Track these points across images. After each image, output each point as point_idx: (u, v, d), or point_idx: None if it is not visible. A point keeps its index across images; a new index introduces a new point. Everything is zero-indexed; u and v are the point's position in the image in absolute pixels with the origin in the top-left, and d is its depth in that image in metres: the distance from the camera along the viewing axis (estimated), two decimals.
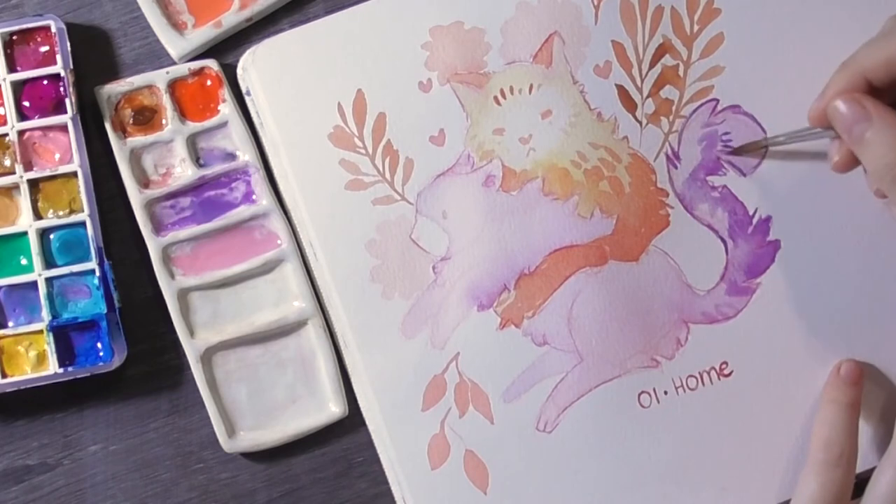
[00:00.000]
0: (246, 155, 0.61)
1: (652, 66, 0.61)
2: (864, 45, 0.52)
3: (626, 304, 0.60)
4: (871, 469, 0.57)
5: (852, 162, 0.53)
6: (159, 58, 0.63)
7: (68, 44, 0.61)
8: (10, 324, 0.60)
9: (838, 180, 0.60)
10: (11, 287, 0.60)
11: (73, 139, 0.60)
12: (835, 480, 0.56)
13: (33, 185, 0.61)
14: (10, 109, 0.60)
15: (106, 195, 0.62)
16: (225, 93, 0.61)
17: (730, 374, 0.60)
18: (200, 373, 0.60)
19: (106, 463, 0.61)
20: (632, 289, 0.60)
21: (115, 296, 0.60)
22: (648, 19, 0.60)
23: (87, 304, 0.60)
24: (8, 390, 0.60)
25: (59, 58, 0.61)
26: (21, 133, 0.61)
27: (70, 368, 0.60)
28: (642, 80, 0.61)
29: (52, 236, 0.61)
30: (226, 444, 0.60)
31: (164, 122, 0.62)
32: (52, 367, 0.60)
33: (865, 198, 0.60)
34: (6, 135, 0.61)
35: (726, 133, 0.60)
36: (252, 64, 0.61)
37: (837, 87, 0.51)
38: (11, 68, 0.61)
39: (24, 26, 0.61)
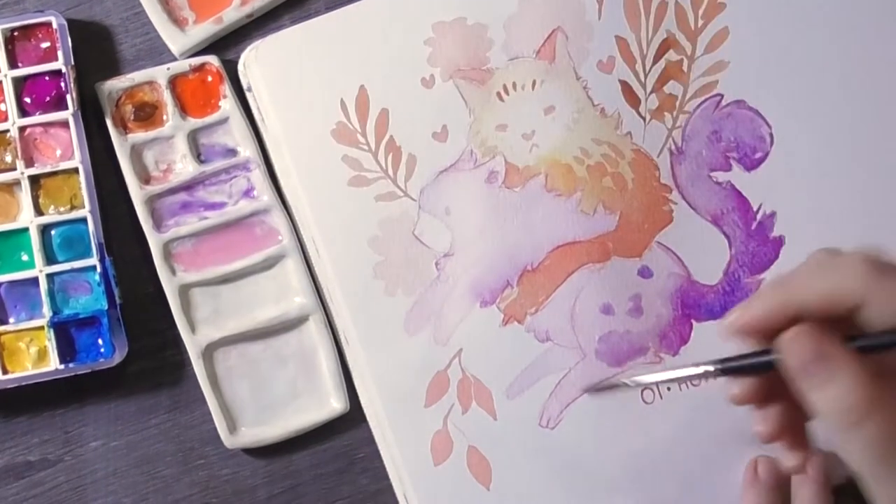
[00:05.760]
0: (247, 151, 0.61)
1: (656, 61, 0.61)
2: (798, 271, 0.48)
3: (628, 300, 0.60)
4: None
5: (755, 398, 0.50)
6: (160, 54, 0.63)
7: (69, 40, 0.61)
8: (11, 320, 0.60)
9: (840, 178, 0.60)
10: (12, 283, 0.60)
11: (74, 135, 0.60)
12: None
13: (34, 181, 0.61)
14: (11, 105, 0.60)
15: (107, 191, 0.61)
16: (226, 89, 0.61)
17: None
18: (202, 369, 0.60)
19: (107, 459, 0.61)
20: (634, 285, 0.60)
21: (116, 292, 0.60)
22: (652, 14, 0.61)
23: (88, 300, 0.60)
24: (9, 386, 0.60)
25: (60, 54, 0.61)
26: (22, 129, 0.61)
27: (71, 364, 0.60)
28: (646, 76, 0.61)
29: (53, 232, 0.61)
30: (227, 439, 0.60)
31: (164, 118, 0.62)
32: (53, 363, 0.59)
33: (867, 196, 0.60)
34: (7, 131, 0.60)
35: (731, 128, 0.60)
36: (254, 60, 0.61)
37: (768, 306, 0.48)
38: (13, 64, 0.61)
39: (26, 22, 0.61)
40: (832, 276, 0.47)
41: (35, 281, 0.60)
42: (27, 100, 0.61)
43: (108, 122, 0.61)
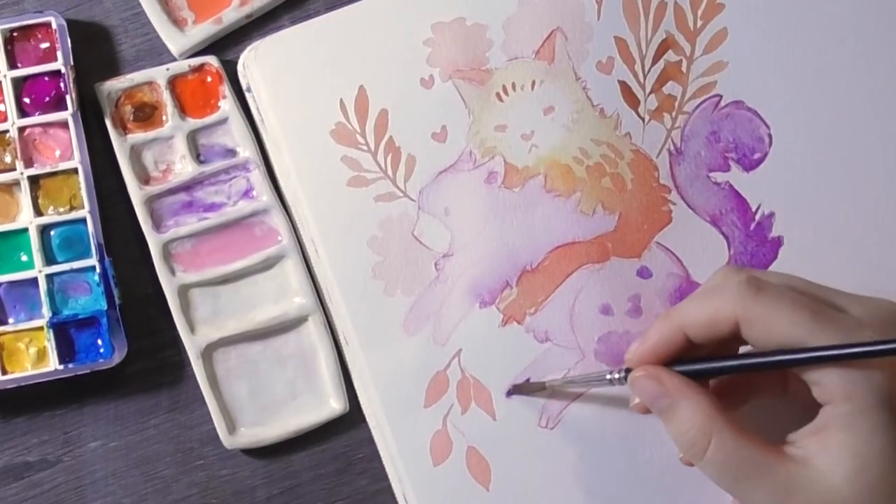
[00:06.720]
0: (246, 151, 0.61)
1: (655, 61, 0.61)
2: (689, 297, 0.51)
3: (627, 300, 0.60)
4: None
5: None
6: (160, 54, 0.63)
7: (69, 40, 0.61)
8: (11, 320, 0.60)
9: (840, 177, 0.60)
10: (12, 284, 0.60)
11: (73, 136, 0.60)
12: None
13: (34, 181, 0.61)
14: (10, 106, 0.60)
15: (106, 192, 0.61)
16: (225, 89, 0.61)
17: None
18: (201, 369, 0.60)
19: (106, 459, 0.61)
20: (634, 285, 0.60)
21: (115, 292, 0.60)
22: (651, 15, 0.61)
23: (88, 300, 0.60)
24: (8, 387, 0.59)
25: (59, 54, 0.61)
26: (21, 129, 0.61)
27: (70, 365, 0.60)
28: (645, 77, 0.61)
29: (52, 233, 0.61)
30: (226, 440, 0.60)
31: (164, 118, 0.62)
32: (52, 363, 0.59)
33: (866, 196, 0.60)
34: (7, 131, 0.60)
35: (729, 129, 0.61)
36: (254, 61, 0.61)
37: (660, 337, 0.51)
38: (12, 65, 0.61)
39: (25, 23, 0.61)
40: (712, 300, 0.49)
41: (34, 281, 0.60)
42: (26, 100, 0.61)
43: (108, 123, 0.61)
